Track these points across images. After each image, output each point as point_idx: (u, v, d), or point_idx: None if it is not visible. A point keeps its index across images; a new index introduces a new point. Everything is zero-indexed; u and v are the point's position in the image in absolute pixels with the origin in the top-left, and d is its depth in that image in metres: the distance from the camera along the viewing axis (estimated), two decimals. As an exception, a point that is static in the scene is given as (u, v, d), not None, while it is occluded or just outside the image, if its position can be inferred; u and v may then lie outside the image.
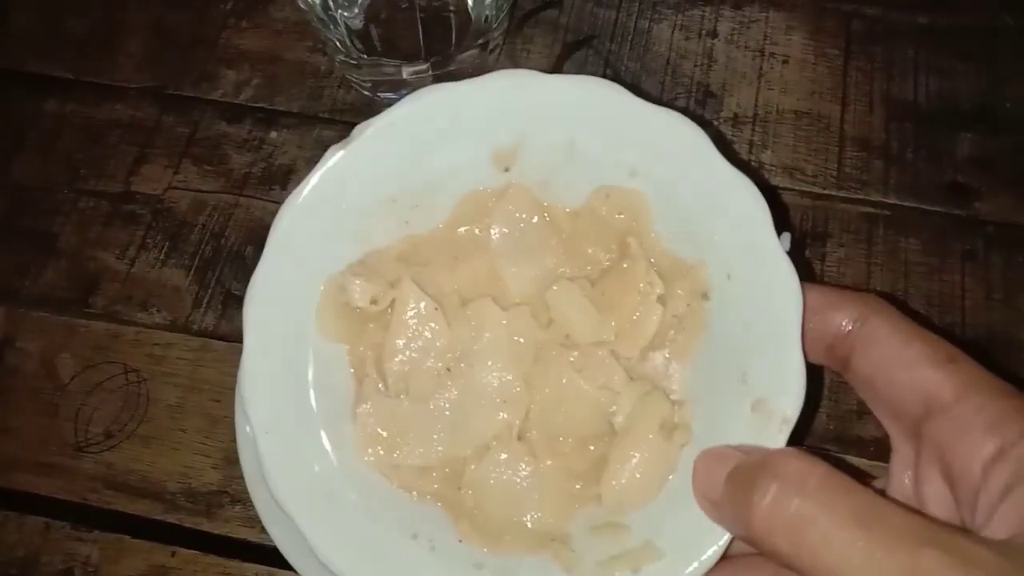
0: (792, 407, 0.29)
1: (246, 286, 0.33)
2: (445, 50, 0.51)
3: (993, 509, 0.23)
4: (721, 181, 0.31)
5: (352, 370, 0.34)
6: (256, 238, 0.49)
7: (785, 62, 0.54)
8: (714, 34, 0.55)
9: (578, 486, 0.32)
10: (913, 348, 0.26)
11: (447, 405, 0.34)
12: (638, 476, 0.31)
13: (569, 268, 0.35)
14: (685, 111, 0.47)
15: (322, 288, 0.34)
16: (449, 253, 0.35)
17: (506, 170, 0.35)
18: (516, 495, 0.32)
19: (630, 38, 0.55)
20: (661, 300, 0.33)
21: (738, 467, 0.27)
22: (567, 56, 0.54)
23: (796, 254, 0.31)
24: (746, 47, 0.55)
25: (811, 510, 0.23)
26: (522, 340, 0.33)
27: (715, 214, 0.32)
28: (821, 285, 0.31)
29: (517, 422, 0.33)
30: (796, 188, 0.50)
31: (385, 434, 0.33)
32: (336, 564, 0.30)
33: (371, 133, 0.34)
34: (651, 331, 0.33)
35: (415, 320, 0.34)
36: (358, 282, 0.34)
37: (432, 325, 0.34)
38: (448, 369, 0.34)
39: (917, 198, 0.50)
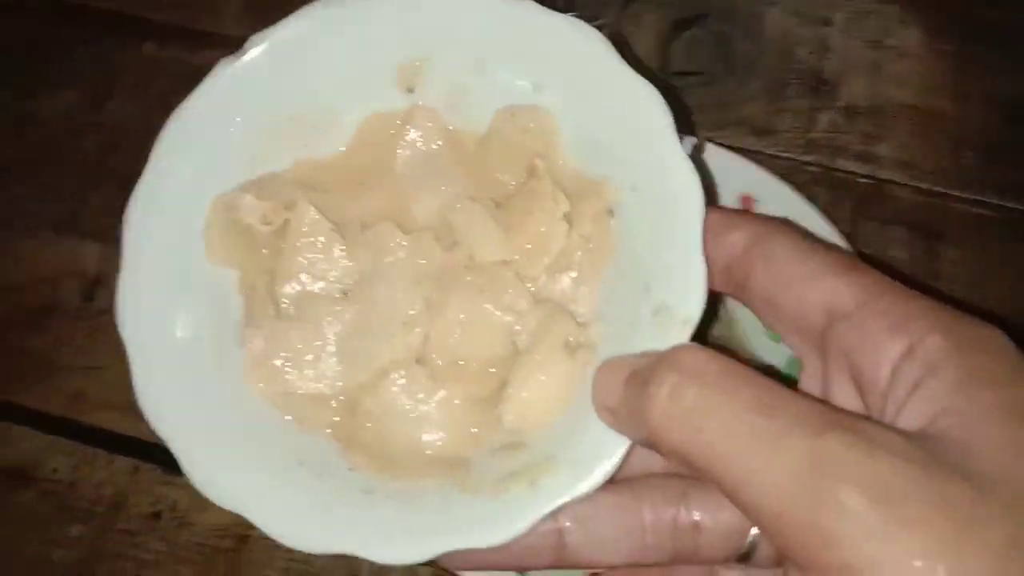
0: (694, 307, 0.28)
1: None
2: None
3: (902, 407, 0.22)
4: (624, 90, 0.30)
5: (242, 296, 0.32)
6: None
7: (901, 55, 0.53)
8: (828, 22, 0.54)
9: (480, 410, 0.31)
10: (812, 261, 0.26)
11: (343, 330, 0.31)
12: (539, 396, 0.30)
13: (476, 192, 0.33)
14: (796, 98, 0.50)
15: (210, 206, 0.32)
16: (351, 179, 0.34)
17: (410, 91, 0.33)
18: (415, 422, 0.30)
19: (742, 20, 0.54)
20: (567, 219, 0.31)
21: (636, 370, 0.26)
22: (676, 35, 0.53)
23: (701, 160, 0.30)
24: (861, 37, 0.54)
25: (709, 400, 0.22)
26: (424, 263, 0.32)
27: (620, 125, 0.30)
28: (721, 207, 0.30)
29: (416, 345, 0.31)
30: (911, 184, 0.50)
31: (276, 362, 0.31)
32: (210, 490, 0.28)
33: (266, 46, 0.32)
34: (555, 249, 0.31)
35: (311, 243, 0.32)
36: (248, 198, 0.32)
37: (329, 248, 0.32)
38: (345, 293, 0.32)
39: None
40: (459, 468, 0.30)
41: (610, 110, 0.31)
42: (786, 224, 0.27)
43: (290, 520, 0.28)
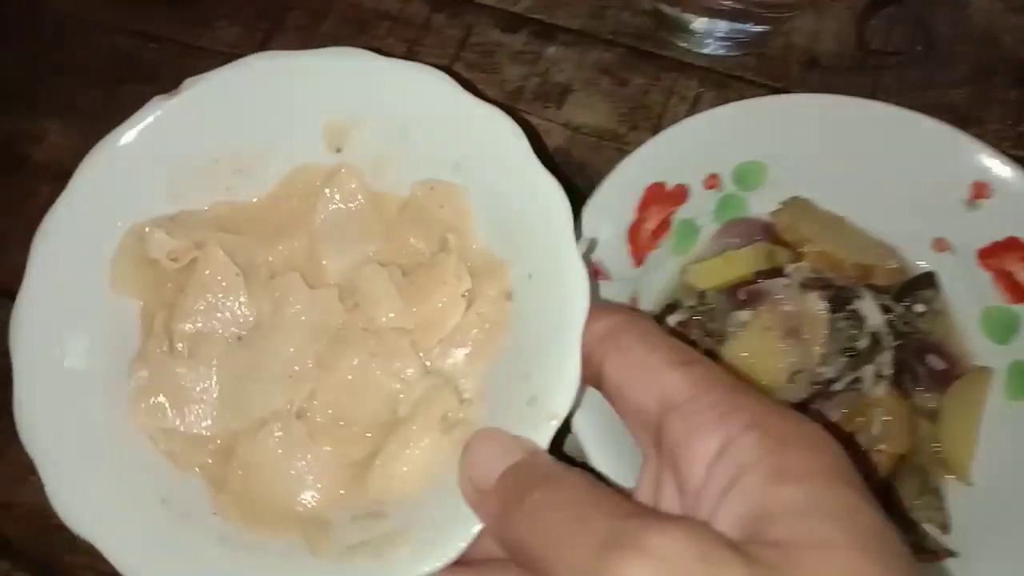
0: (562, 406, 0.28)
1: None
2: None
3: (716, 507, 0.22)
4: (533, 184, 0.31)
5: (140, 327, 0.33)
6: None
7: None
8: (1036, 10, 0.48)
9: (351, 474, 0.31)
10: (656, 354, 0.25)
11: (230, 374, 0.32)
12: (407, 467, 0.30)
13: (389, 256, 0.34)
14: (1000, 88, 0.46)
15: (121, 236, 0.32)
16: (268, 226, 0.34)
17: (338, 150, 0.34)
18: (284, 476, 0.31)
19: (944, 2, 0.50)
20: (468, 296, 0.32)
21: (518, 466, 0.26)
22: (873, 12, 0.49)
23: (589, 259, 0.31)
24: (1071, 28, 0.47)
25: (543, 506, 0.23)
26: (323, 319, 0.32)
27: (526, 215, 0.31)
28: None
29: (300, 399, 0.32)
30: None
31: (160, 398, 0.32)
32: (67, 516, 0.29)
33: (201, 89, 0.33)
34: (452, 324, 0.32)
35: (214, 284, 0.33)
36: (159, 233, 0.33)
37: (232, 292, 0.33)
38: (239, 338, 0.33)
39: None
40: (318, 529, 0.30)
41: (520, 200, 0.31)
42: (642, 317, 0.28)
43: (138, 557, 0.28)
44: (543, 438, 0.28)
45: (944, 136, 0.38)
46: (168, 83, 0.50)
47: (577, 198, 0.32)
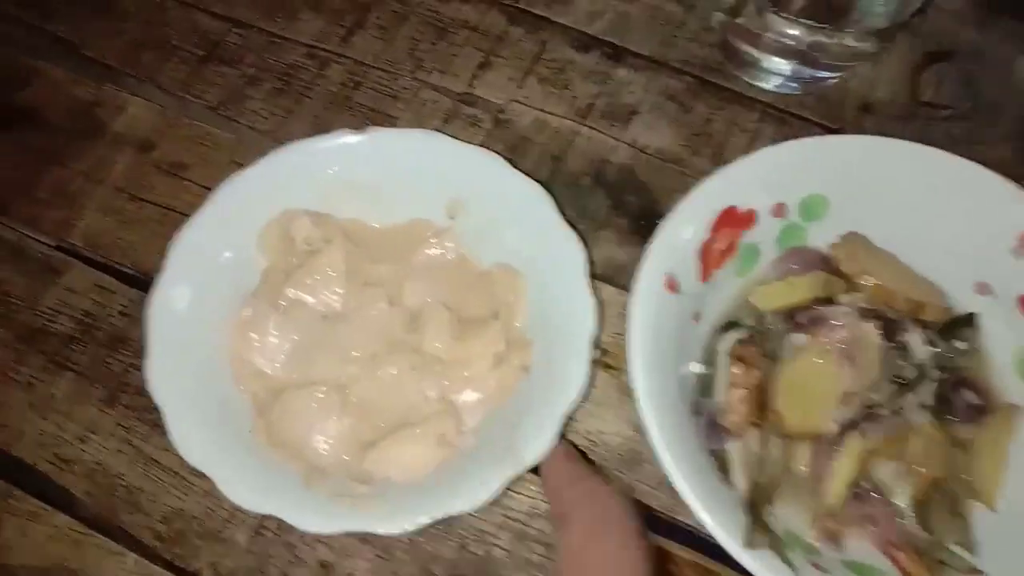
0: (531, 458, 0.36)
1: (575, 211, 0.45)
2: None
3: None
4: (576, 295, 0.39)
5: (260, 281, 0.42)
6: (593, 169, 0.49)
7: None
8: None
9: (358, 446, 0.38)
10: (565, 470, 0.38)
11: (306, 339, 0.40)
12: (398, 458, 0.38)
13: (454, 305, 0.42)
14: None
15: (279, 212, 0.42)
16: (380, 249, 0.43)
17: (451, 218, 0.44)
18: (310, 427, 0.38)
19: (991, 63, 0.52)
20: (497, 357, 0.40)
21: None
22: (926, 66, 0.53)
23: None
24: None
25: None
26: (388, 329, 0.41)
27: (562, 316, 0.39)
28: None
29: (344, 378, 0.40)
30: None
31: (252, 333, 0.40)
32: (158, 395, 0.37)
33: (380, 135, 0.43)
34: (476, 372, 0.40)
35: (325, 272, 0.41)
36: (304, 220, 0.42)
37: (334, 283, 0.41)
38: (324, 317, 0.41)
39: None
40: (317, 473, 0.37)
41: (563, 304, 0.39)
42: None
43: (189, 430, 0.37)
44: (510, 475, 0.36)
45: (996, 186, 0.40)
46: (250, 67, 0.52)
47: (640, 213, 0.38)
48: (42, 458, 0.42)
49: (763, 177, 0.41)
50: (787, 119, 0.51)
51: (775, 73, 0.50)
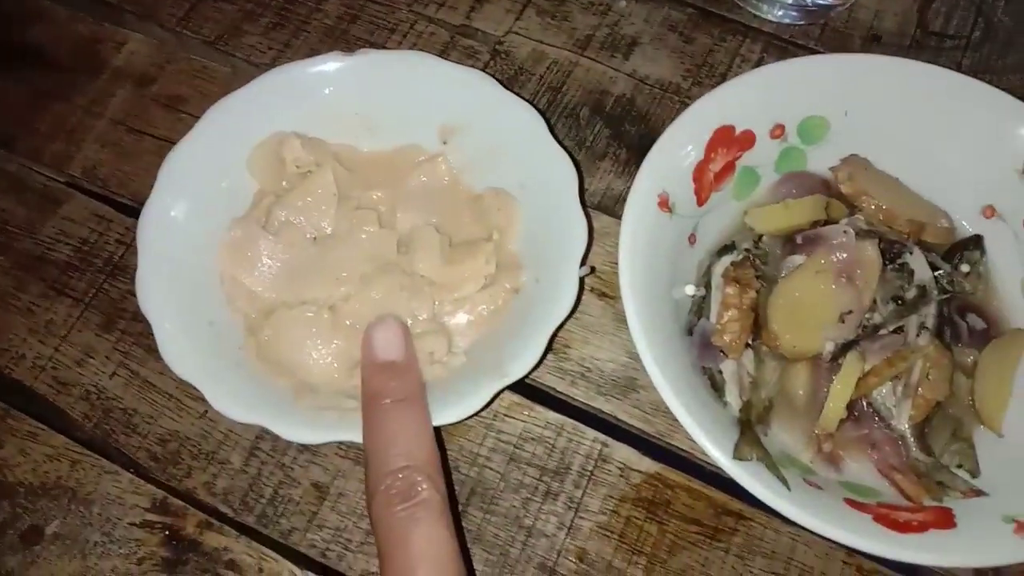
0: (516, 372, 0.36)
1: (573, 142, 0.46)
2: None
3: None
4: (569, 218, 0.39)
5: (252, 202, 0.42)
6: (592, 101, 0.48)
7: None
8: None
9: (346, 365, 0.38)
10: None
11: (296, 260, 0.40)
12: None
13: (446, 228, 0.42)
14: None
15: (267, 135, 0.42)
16: (371, 173, 0.43)
17: (444, 142, 0.43)
18: (300, 345, 0.38)
19: None
20: (488, 280, 0.40)
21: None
22: None
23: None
24: None
25: None
26: (379, 251, 0.40)
27: (554, 238, 0.39)
28: None
29: (335, 298, 0.40)
30: None
31: (242, 253, 0.40)
32: (146, 306, 0.37)
33: (370, 58, 0.42)
34: (466, 292, 0.40)
35: (316, 194, 0.41)
36: (295, 143, 0.42)
37: (324, 204, 0.41)
38: (315, 239, 0.41)
39: None
40: (306, 388, 0.37)
41: (554, 226, 0.39)
42: None
43: (179, 348, 0.37)
44: (496, 387, 0.36)
45: (1004, 106, 0.39)
46: (247, 2, 0.52)
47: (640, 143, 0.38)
48: (41, 381, 0.42)
49: (760, 96, 0.40)
50: (791, 49, 0.50)
51: (777, 2, 0.49)
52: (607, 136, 0.48)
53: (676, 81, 0.49)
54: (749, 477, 0.32)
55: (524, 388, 0.41)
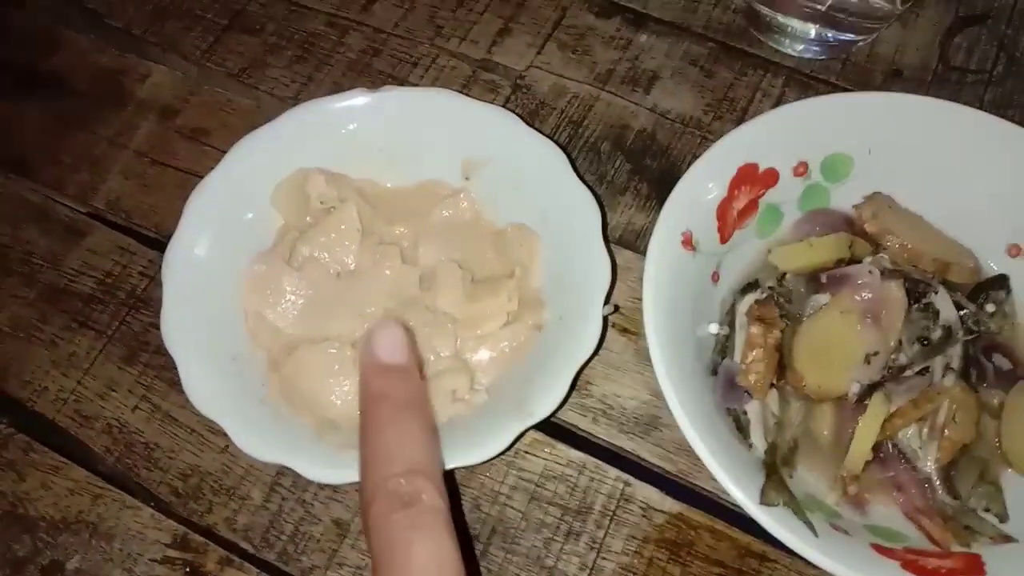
0: (541, 411, 0.36)
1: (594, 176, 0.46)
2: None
3: None
4: (592, 254, 0.39)
5: (276, 238, 0.42)
6: (613, 135, 0.49)
7: None
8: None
9: None
10: None
11: (320, 296, 0.40)
12: None
13: (469, 264, 0.42)
14: None
15: (292, 171, 0.42)
16: (395, 208, 0.43)
17: (467, 178, 0.44)
18: (323, 382, 0.38)
19: None
20: (511, 317, 0.40)
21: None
22: (957, 30, 0.52)
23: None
24: None
25: None
26: (402, 287, 0.41)
27: (577, 275, 0.39)
28: None
29: (358, 334, 0.39)
30: None
31: (266, 289, 0.40)
32: (170, 342, 0.37)
33: (395, 95, 0.43)
34: (489, 330, 0.40)
35: (340, 230, 0.41)
36: (319, 179, 0.42)
37: (348, 240, 0.41)
38: (338, 275, 0.41)
39: None
40: (328, 426, 0.37)
41: (578, 263, 0.39)
42: None
43: (205, 386, 0.37)
44: (520, 427, 0.35)
45: (1028, 144, 0.39)
46: (271, 36, 0.53)
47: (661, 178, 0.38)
48: (63, 414, 0.42)
49: (784, 134, 0.40)
50: (812, 84, 0.50)
51: (799, 37, 0.49)
52: (628, 171, 0.48)
53: (697, 115, 0.49)
54: (776, 523, 0.31)
55: (546, 425, 0.41)
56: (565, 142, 0.48)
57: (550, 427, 0.41)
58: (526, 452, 0.41)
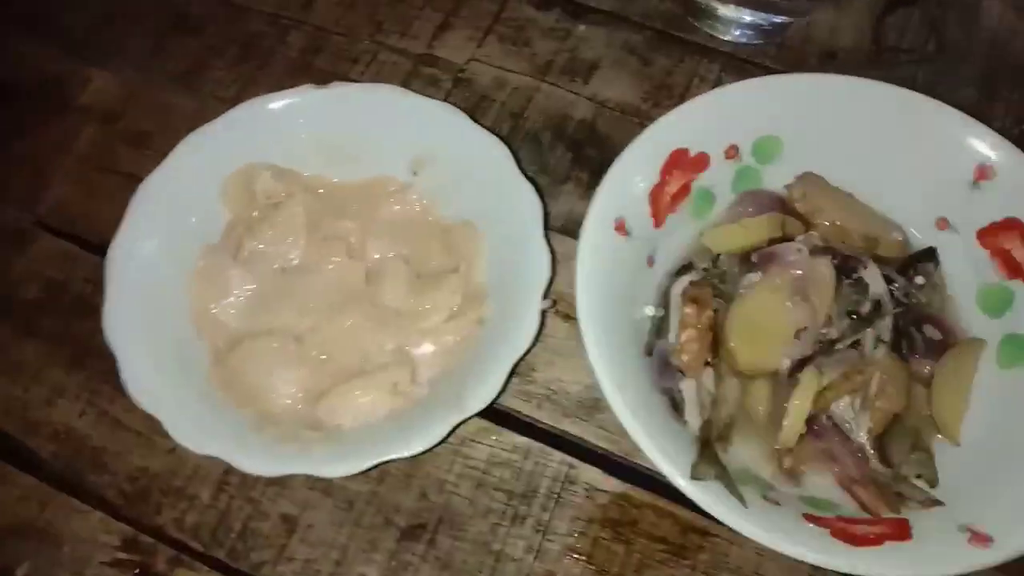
0: (473, 407, 0.36)
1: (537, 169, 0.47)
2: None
3: None
4: (532, 249, 0.39)
5: (222, 231, 0.42)
6: (554, 125, 0.49)
7: None
8: (1046, 17, 0.51)
9: (312, 395, 0.39)
10: None
11: (265, 290, 0.41)
12: (350, 406, 0.38)
13: (414, 259, 0.42)
14: (1005, 88, 0.49)
15: (241, 166, 0.42)
16: (342, 203, 0.44)
17: (415, 173, 0.44)
18: (266, 375, 0.39)
19: (957, 6, 0.53)
20: (455, 312, 0.41)
21: None
22: (890, 12, 0.53)
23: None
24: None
25: None
26: (348, 281, 0.41)
27: (518, 271, 0.39)
28: None
29: (302, 328, 0.40)
30: None
31: (211, 283, 0.41)
32: (111, 337, 0.37)
33: (343, 91, 0.43)
34: (432, 324, 0.40)
35: (286, 225, 0.42)
36: (266, 174, 0.42)
37: (294, 235, 0.42)
38: (283, 269, 0.41)
39: None
40: (268, 419, 0.38)
41: (519, 259, 0.40)
42: None
43: (149, 380, 0.37)
44: (453, 420, 0.36)
45: (952, 120, 0.40)
46: (213, 37, 0.53)
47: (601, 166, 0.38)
48: (10, 421, 0.42)
49: (713, 119, 0.41)
50: (748, 68, 0.51)
51: (733, 22, 0.50)
52: (569, 160, 0.48)
53: (636, 103, 0.50)
54: (705, 496, 0.32)
55: (491, 413, 0.41)
56: (507, 134, 0.49)
57: (495, 414, 0.41)
58: (472, 440, 0.41)
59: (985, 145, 0.40)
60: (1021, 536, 0.32)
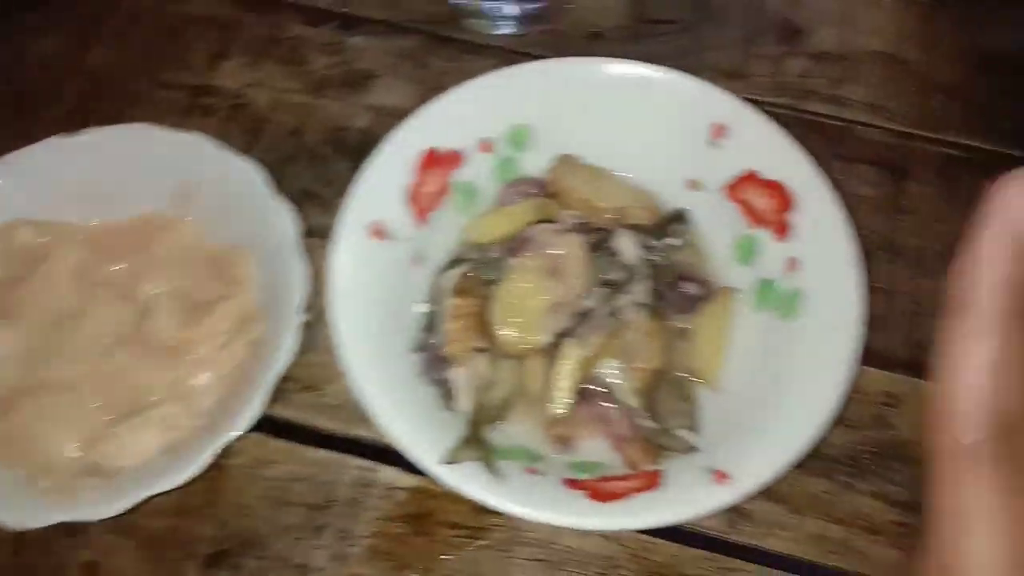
0: (239, 430, 0.37)
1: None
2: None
3: None
4: (291, 266, 0.40)
5: None
6: (334, 139, 0.50)
7: (872, 5, 0.55)
8: (802, -25, 0.55)
9: (90, 438, 0.39)
10: None
11: (35, 346, 0.41)
12: (128, 447, 0.39)
13: (191, 291, 0.43)
14: (769, 45, 0.52)
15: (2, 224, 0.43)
16: (112, 246, 0.44)
17: (182, 206, 0.45)
18: (44, 430, 0.39)
19: None
20: (228, 336, 0.41)
21: None
22: None
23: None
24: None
25: None
26: (120, 324, 0.42)
27: (282, 285, 0.40)
28: None
29: (76, 376, 0.40)
30: (878, 125, 0.51)
31: None
32: None
33: (94, 137, 0.44)
34: (205, 355, 0.41)
35: (53, 276, 0.42)
36: (27, 230, 0.43)
37: (62, 286, 0.42)
38: (54, 322, 0.41)
39: (996, 142, 0.50)
40: (46, 472, 0.38)
41: (281, 275, 0.41)
42: None
43: None
44: (216, 447, 0.36)
45: (680, 84, 0.43)
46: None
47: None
48: None
49: (458, 116, 0.42)
50: (522, 60, 0.52)
51: (496, 16, 0.52)
52: (350, 170, 0.49)
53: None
54: (454, 477, 0.34)
55: (287, 431, 0.42)
56: (289, 153, 0.50)
57: (291, 432, 0.42)
58: (271, 462, 0.42)
59: (717, 104, 0.42)
60: (756, 472, 0.34)
